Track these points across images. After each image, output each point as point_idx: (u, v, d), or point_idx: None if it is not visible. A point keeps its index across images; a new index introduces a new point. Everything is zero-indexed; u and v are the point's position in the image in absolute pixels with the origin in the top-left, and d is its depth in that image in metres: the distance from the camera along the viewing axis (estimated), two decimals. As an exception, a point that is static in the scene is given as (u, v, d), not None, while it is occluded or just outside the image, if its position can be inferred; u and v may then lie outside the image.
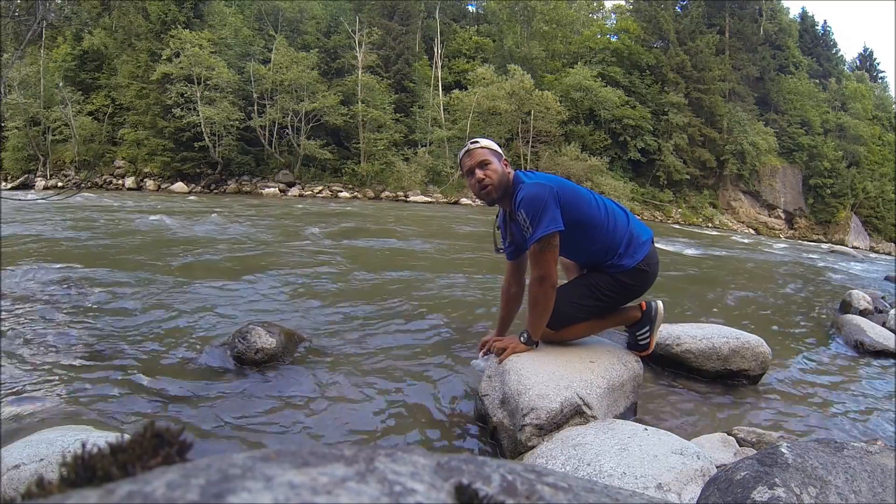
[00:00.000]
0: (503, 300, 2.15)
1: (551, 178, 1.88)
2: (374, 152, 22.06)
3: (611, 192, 22.05)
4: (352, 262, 4.90)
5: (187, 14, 21.05)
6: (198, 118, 19.45)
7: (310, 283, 3.79)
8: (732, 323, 3.03)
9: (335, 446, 0.40)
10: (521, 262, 2.09)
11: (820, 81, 35.04)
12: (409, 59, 25.28)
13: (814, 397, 2.38)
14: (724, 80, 28.94)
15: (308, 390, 1.97)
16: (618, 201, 2.22)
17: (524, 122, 23.46)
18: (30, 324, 2.49)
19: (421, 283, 4.06)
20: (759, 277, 7.06)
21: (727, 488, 0.99)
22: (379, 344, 2.50)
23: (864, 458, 1.01)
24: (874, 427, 2.13)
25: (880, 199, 32.56)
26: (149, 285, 3.37)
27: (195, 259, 4.55)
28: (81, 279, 3.43)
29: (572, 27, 29.39)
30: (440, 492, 0.36)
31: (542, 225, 1.73)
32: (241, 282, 3.65)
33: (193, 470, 0.34)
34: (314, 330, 2.63)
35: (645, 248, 1.91)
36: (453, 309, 3.29)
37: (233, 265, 4.35)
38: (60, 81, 22.06)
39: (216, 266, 4.27)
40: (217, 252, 5.00)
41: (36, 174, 20.97)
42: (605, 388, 1.74)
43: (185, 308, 2.87)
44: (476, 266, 5.06)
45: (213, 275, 3.83)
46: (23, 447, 1.27)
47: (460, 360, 2.38)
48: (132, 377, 1.97)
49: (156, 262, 4.28)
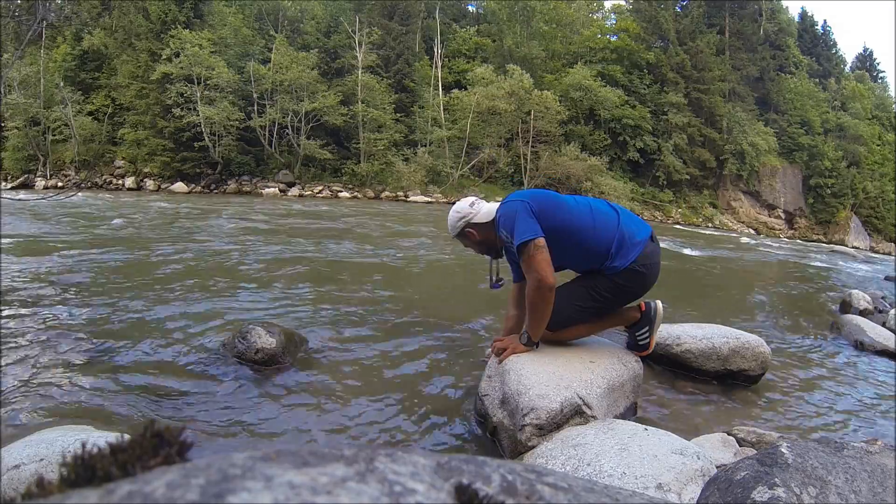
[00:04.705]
0: (508, 320, 2.14)
1: (526, 192, 1.97)
2: (374, 152, 22.05)
3: (610, 192, 22.06)
4: (352, 263, 4.90)
5: (187, 14, 21.04)
6: (198, 118, 19.44)
7: (310, 283, 3.79)
8: (732, 323, 3.03)
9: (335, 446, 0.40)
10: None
11: (820, 81, 35.05)
12: (409, 59, 25.26)
13: (814, 397, 2.38)
14: (724, 80, 28.94)
15: (308, 390, 1.97)
16: (617, 201, 2.22)
17: (524, 122, 23.46)
18: (30, 324, 2.49)
19: (421, 284, 4.06)
20: (759, 277, 7.06)
21: (727, 488, 0.99)
22: (379, 344, 2.50)
23: (864, 458, 1.01)
24: (874, 427, 2.13)
25: (880, 199, 32.56)
26: (149, 285, 3.37)
27: (195, 259, 4.55)
28: (81, 279, 3.43)
29: (572, 27, 29.39)
30: (440, 492, 0.36)
31: (518, 233, 1.79)
32: (242, 282, 3.65)
33: (193, 470, 0.34)
34: (314, 330, 2.63)
35: (637, 249, 1.89)
36: (453, 309, 3.29)
37: (233, 265, 4.35)
38: (60, 81, 22.04)
39: (216, 266, 4.27)
40: (217, 252, 5.00)
41: (36, 174, 20.96)
42: (605, 388, 1.74)
43: (186, 308, 2.87)
44: (476, 266, 5.06)
45: (214, 275, 3.83)
46: (23, 447, 1.27)
47: (460, 361, 2.38)
48: (132, 377, 1.97)
49: (155, 262, 4.28)
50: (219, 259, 4.63)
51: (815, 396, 2.39)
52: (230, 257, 4.74)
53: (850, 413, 2.24)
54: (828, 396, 2.41)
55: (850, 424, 2.13)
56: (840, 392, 2.48)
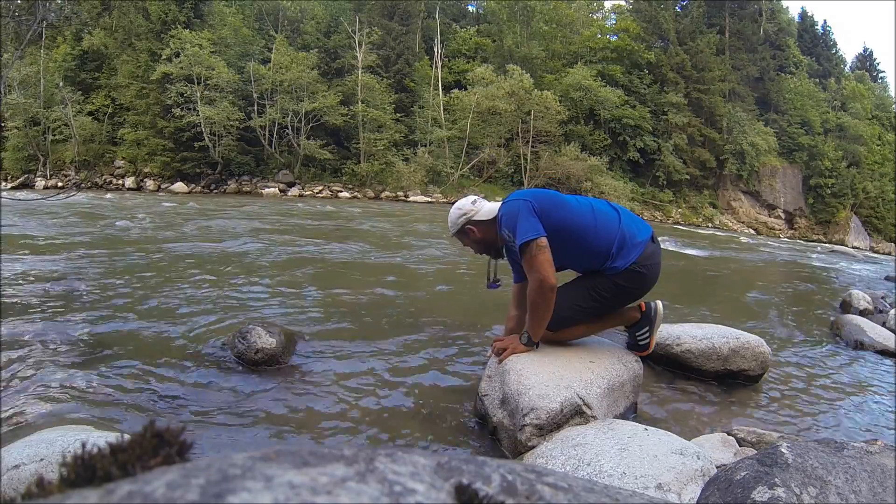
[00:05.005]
0: (509, 320, 2.14)
1: (527, 191, 1.96)
2: (374, 152, 22.04)
3: (610, 192, 22.05)
4: (352, 263, 4.90)
5: (187, 14, 21.03)
6: (198, 118, 19.43)
7: (310, 283, 3.79)
8: (732, 323, 3.03)
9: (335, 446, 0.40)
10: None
11: (820, 81, 35.04)
12: (409, 59, 25.26)
13: (814, 397, 2.38)
14: (724, 80, 28.93)
15: (308, 390, 1.97)
16: (617, 201, 2.22)
17: (524, 122, 23.45)
18: (29, 324, 2.49)
19: (421, 284, 4.06)
20: (759, 277, 7.06)
21: (727, 488, 0.99)
22: (379, 344, 2.50)
23: (864, 458, 1.01)
24: (874, 427, 2.13)
25: (880, 199, 32.56)
26: (149, 285, 3.37)
27: (196, 259, 4.55)
28: (80, 279, 3.43)
29: (572, 27, 29.37)
30: (440, 492, 0.36)
31: (520, 232, 1.78)
32: (242, 282, 3.65)
33: (193, 470, 0.34)
34: (314, 330, 2.63)
35: (638, 249, 1.89)
36: (453, 309, 3.29)
37: (233, 265, 4.35)
38: (60, 81, 22.03)
39: (217, 266, 4.27)
40: (218, 252, 5.00)
41: (36, 174, 20.95)
42: (605, 388, 1.74)
43: (186, 308, 2.87)
44: (476, 267, 5.05)
45: (214, 275, 3.83)
46: (23, 447, 1.27)
47: (460, 361, 2.38)
48: (132, 377, 1.97)
49: (156, 262, 4.28)
50: (220, 259, 4.63)
51: (815, 396, 2.39)
52: (232, 257, 4.74)
53: (850, 413, 2.24)
54: (828, 396, 2.41)
55: (849, 424, 2.13)
56: (840, 392, 2.48)
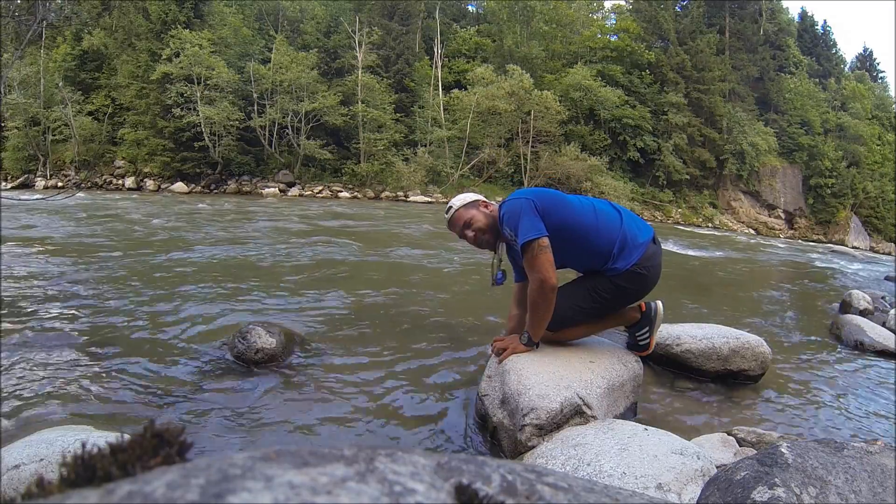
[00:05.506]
0: (510, 320, 2.13)
1: (530, 189, 1.94)
2: (373, 152, 22.03)
3: (611, 192, 22.03)
4: (352, 263, 4.90)
5: (187, 14, 21.02)
6: (198, 118, 19.42)
7: (310, 283, 3.79)
8: (732, 323, 3.03)
9: (335, 446, 0.40)
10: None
11: (820, 81, 35.03)
12: (409, 59, 25.25)
13: (814, 397, 2.38)
14: (724, 80, 28.91)
15: (308, 390, 1.97)
16: (617, 201, 2.21)
17: (524, 122, 23.44)
18: (29, 324, 2.49)
19: (420, 285, 4.06)
20: (760, 277, 7.06)
21: (727, 488, 0.99)
22: (378, 344, 2.51)
23: (864, 458, 1.01)
24: (874, 427, 2.13)
25: (880, 199, 32.55)
26: (149, 285, 3.37)
27: (196, 259, 4.55)
28: (80, 279, 3.43)
29: (572, 27, 29.35)
30: (440, 492, 0.36)
31: (522, 231, 1.77)
32: (241, 282, 3.65)
33: (193, 470, 0.34)
34: (314, 330, 2.63)
35: (640, 251, 1.89)
36: (453, 309, 3.29)
37: (234, 265, 4.35)
38: (60, 81, 22.01)
39: (217, 266, 4.27)
40: (218, 252, 5.00)
41: (36, 174, 20.94)
42: (605, 388, 1.74)
43: (186, 308, 2.87)
44: (476, 267, 5.06)
45: (214, 275, 3.83)
46: (23, 447, 1.27)
47: (460, 360, 2.38)
48: (132, 377, 1.97)
49: (156, 262, 4.28)
50: (220, 260, 4.63)
51: (815, 396, 2.39)
52: (233, 258, 4.74)
53: (850, 413, 2.24)
54: (828, 396, 2.41)
55: (849, 424, 2.13)
56: (840, 392, 2.48)
